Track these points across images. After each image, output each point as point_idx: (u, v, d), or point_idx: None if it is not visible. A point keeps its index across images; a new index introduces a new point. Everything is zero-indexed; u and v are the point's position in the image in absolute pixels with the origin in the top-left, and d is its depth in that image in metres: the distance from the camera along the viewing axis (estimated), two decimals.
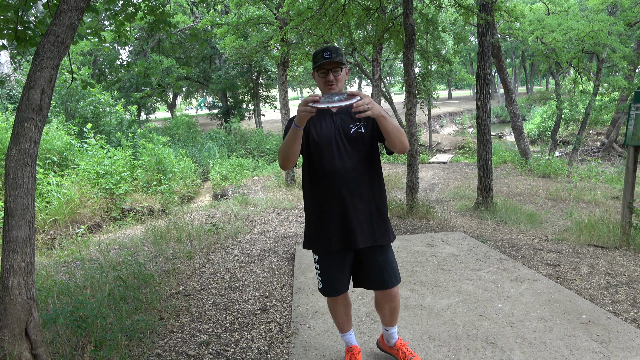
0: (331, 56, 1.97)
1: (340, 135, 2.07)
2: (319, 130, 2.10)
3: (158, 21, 4.29)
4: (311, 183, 2.13)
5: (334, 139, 2.07)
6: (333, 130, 2.09)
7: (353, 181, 2.03)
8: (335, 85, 2.00)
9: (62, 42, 2.19)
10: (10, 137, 2.12)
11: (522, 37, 13.57)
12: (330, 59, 1.97)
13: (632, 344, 2.46)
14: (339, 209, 2.06)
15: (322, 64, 1.98)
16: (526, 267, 3.78)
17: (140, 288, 3.44)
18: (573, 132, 18.79)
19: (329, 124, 2.11)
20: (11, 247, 2.07)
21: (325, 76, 2.00)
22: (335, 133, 2.08)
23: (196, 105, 42.82)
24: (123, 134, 10.96)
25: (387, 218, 2.14)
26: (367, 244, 2.07)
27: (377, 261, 2.11)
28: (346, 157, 2.06)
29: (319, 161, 2.08)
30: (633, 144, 4.20)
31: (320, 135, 2.09)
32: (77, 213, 7.14)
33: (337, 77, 2.00)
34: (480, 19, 6.42)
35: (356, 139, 2.06)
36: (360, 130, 2.06)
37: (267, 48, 10.50)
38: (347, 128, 2.08)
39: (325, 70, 1.99)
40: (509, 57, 37.88)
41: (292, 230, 5.90)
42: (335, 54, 1.98)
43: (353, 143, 2.06)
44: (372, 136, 2.08)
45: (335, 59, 1.97)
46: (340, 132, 2.07)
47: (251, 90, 23.73)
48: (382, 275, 2.12)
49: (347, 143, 2.07)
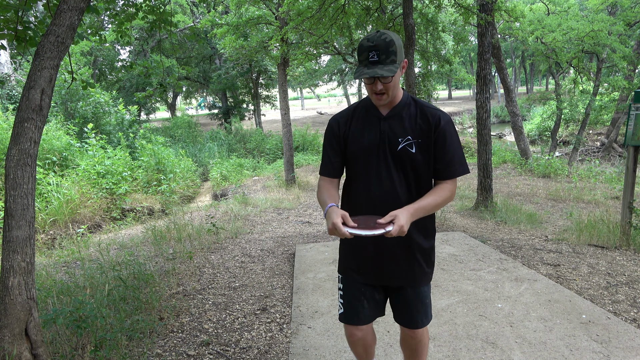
0: (379, 59, 1.48)
1: (384, 149, 1.61)
2: (361, 137, 1.65)
3: (158, 21, 4.29)
4: (349, 204, 1.73)
5: (376, 153, 1.62)
6: (377, 141, 1.62)
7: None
8: (386, 95, 1.56)
9: (62, 42, 2.19)
10: (10, 137, 2.12)
11: (522, 37, 13.56)
12: (377, 64, 1.48)
13: (632, 344, 2.46)
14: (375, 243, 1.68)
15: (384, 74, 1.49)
16: (526, 267, 3.78)
17: (140, 288, 3.44)
18: (573, 132, 18.78)
19: (374, 131, 1.64)
20: (11, 247, 2.07)
21: (372, 82, 1.54)
22: (380, 145, 1.62)
23: (196, 105, 42.81)
24: (124, 134, 10.96)
25: (431, 257, 1.76)
26: (401, 284, 1.75)
27: (407, 297, 1.76)
28: (388, 181, 1.62)
29: (355, 180, 1.67)
30: (633, 144, 4.20)
31: (361, 145, 1.65)
32: (77, 213, 7.14)
33: (388, 85, 1.53)
34: (480, 19, 6.42)
35: (403, 158, 1.60)
36: (410, 149, 1.59)
37: (267, 48, 10.49)
38: (395, 141, 1.60)
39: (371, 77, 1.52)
40: (509, 57, 37.88)
41: (292, 230, 5.89)
42: (386, 54, 1.47)
43: (399, 162, 1.60)
44: (425, 159, 1.60)
45: (385, 64, 1.48)
46: (386, 144, 1.61)
47: (251, 90, 23.71)
48: (411, 313, 1.78)
49: (392, 161, 1.61)
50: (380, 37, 1.49)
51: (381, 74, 1.47)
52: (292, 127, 11.00)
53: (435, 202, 1.58)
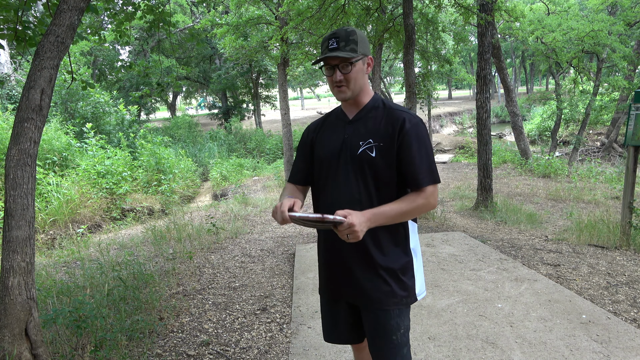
0: (338, 46, 1.45)
1: (346, 153, 1.53)
2: (326, 142, 1.60)
3: (157, 20, 4.29)
4: (314, 209, 1.64)
5: (337, 158, 1.54)
6: (339, 146, 1.55)
7: None
8: (346, 88, 1.49)
9: (62, 42, 2.19)
10: (10, 137, 2.12)
11: (522, 37, 13.57)
12: (336, 50, 1.45)
13: (632, 344, 2.46)
14: (326, 251, 1.61)
15: (326, 58, 1.46)
16: (526, 267, 3.78)
17: (140, 288, 3.44)
18: (573, 132, 18.78)
19: (339, 135, 1.58)
20: (11, 247, 2.07)
21: (332, 74, 1.49)
22: (342, 150, 1.54)
23: (196, 105, 42.82)
24: (124, 134, 10.96)
25: (405, 279, 1.54)
26: (355, 301, 1.58)
27: (369, 320, 1.57)
28: (347, 187, 1.52)
29: (320, 186, 1.60)
30: (633, 144, 4.20)
31: (325, 150, 1.59)
32: (77, 213, 7.14)
33: (348, 75, 1.47)
34: (480, 19, 6.42)
35: (362, 163, 1.49)
36: (370, 152, 1.49)
37: (267, 48, 10.50)
38: (356, 144, 1.51)
39: (331, 66, 1.48)
40: (509, 57, 37.88)
41: (292, 230, 5.89)
42: (346, 41, 1.45)
43: (358, 167, 1.50)
44: (386, 164, 1.48)
45: (343, 50, 1.44)
46: (348, 148, 1.53)
47: (251, 90, 23.72)
48: (372, 344, 1.58)
49: (351, 166, 1.51)
50: (342, 28, 1.48)
51: (335, 54, 1.43)
52: (292, 127, 11.01)
53: (399, 210, 1.43)
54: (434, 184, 1.47)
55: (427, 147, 1.48)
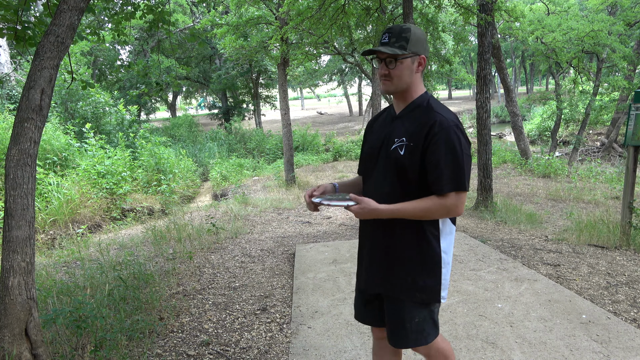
0: (388, 41, 1.49)
1: (384, 149, 1.58)
2: (374, 135, 1.67)
3: (157, 20, 4.29)
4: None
5: (378, 151, 1.61)
6: (381, 141, 1.61)
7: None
8: (389, 82, 1.52)
9: (62, 42, 2.18)
10: (10, 137, 2.12)
11: (522, 37, 13.56)
12: (384, 45, 1.49)
13: (632, 344, 2.46)
14: (362, 241, 1.71)
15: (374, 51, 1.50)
16: (526, 267, 3.78)
17: (140, 288, 3.44)
18: (573, 132, 18.77)
19: (383, 130, 1.63)
20: (11, 247, 2.07)
21: (379, 66, 1.54)
22: (382, 144, 1.60)
23: (196, 105, 42.82)
24: (124, 134, 10.96)
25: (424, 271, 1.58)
26: (374, 290, 1.67)
27: (388, 308, 1.66)
28: (377, 179, 1.60)
29: (363, 175, 1.69)
30: (633, 144, 4.20)
31: (370, 143, 1.68)
32: (77, 213, 7.13)
33: (393, 70, 1.50)
34: (480, 19, 6.42)
35: (391, 160, 1.54)
36: (399, 151, 1.52)
37: (267, 48, 10.49)
38: (392, 141, 1.56)
39: (380, 59, 1.52)
40: (509, 57, 37.88)
41: (292, 230, 5.89)
42: (397, 38, 1.48)
43: (388, 164, 1.55)
44: (412, 164, 1.50)
45: (392, 46, 1.48)
46: (386, 144, 1.58)
47: (251, 90, 23.73)
48: (389, 327, 1.67)
49: (383, 162, 1.57)
50: (398, 24, 1.53)
51: (379, 49, 1.47)
52: (292, 127, 11.01)
53: (414, 209, 1.47)
54: (457, 190, 1.46)
55: (456, 152, 1.46)
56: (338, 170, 12.51)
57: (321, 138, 18.81)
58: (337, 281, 3.62)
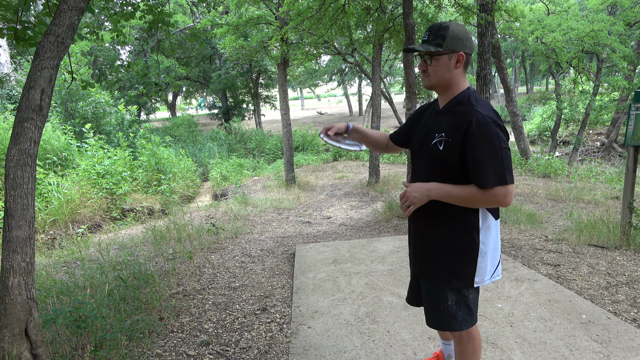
0: (427, 39, 1.55)
1: (426, 142, 1.64)
2: (420, 127, 1.74)
3: (156, 20, 4.29)
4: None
5: (421, 144, 1.68)
6: (424, 134, 1.67)
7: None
8: (428, 77, 1.59)
9: (62, 42, 2.18)
10: (10, 137, 2.12)
11: (522, 37, 13.56)
12: (424, 42, 1.56)
13: (632, 344, 2.46)
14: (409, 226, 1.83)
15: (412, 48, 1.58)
16: (526, 267, 3.78)
17: (140, 288, 3.44)
18: (573, 132, 18.78)
19: (427, 123, 1.70)
20: (11, 247, 2.07)
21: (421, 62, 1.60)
22: (425, 138, 1.66)
23: (196, 105, 42.81)
24: (124, 134, 10.96)
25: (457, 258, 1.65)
26: (415, 271, 1.83)
27: (423, 288, 1.80)
28: (421, 169, 1.68)
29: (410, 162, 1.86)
30: (633, 144, 4.20)
31: (416, 134, 1.75)
32: (77, 213, 7.13)
33: (430, 67, 1.57)
34: (480, 19, 6.42)
35: (431, 154, 1.61)
36: (439, 146, 1.57)
37: (267, 48, 10.49)
38: (433, 136, 1.61)
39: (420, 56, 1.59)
40: (509, 57, 37.86)
41: (292, 230, 5.89)
42: (434, 35, 1.53)
43: (429, 158, 1.62)
44: (451, 159, 1.55)
45: (429, 43, 1.54)
46: (428, 138, 1.64)
47: (251, 90, 23.72)
48: (425, 308, 1.81)
49: (424, 155, 1.65)
50: (439, 22, 1.58)
51: (413, 46, 1.58)
52: (292, 127, 11.00)
53: (464, 191, 1.52)
54: (500, 185, 1.49)
55: (497, 148, 1.47)
56: (338, 170, 12.51)
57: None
58: (337, 281, 3.62)
